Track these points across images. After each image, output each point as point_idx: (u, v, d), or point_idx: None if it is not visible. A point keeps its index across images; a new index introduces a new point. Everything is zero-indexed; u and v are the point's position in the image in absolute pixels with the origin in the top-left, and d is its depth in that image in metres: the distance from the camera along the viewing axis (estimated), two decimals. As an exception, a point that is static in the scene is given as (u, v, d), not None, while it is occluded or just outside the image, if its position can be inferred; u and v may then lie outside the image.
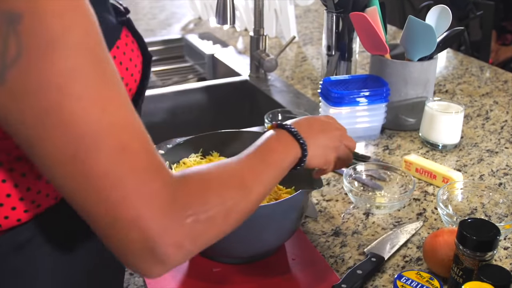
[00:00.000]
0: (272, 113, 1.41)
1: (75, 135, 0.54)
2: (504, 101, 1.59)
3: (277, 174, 0.75)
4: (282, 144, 0.78)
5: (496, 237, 0.79)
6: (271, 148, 0.76)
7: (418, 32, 1.30)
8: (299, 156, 0.79)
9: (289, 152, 0.78)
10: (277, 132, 0.79)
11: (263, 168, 0.73)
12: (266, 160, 0.74)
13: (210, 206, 0.62)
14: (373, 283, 0.90)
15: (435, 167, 1.17)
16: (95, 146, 0.54)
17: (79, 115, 0.53)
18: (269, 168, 0.74)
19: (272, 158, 0.75)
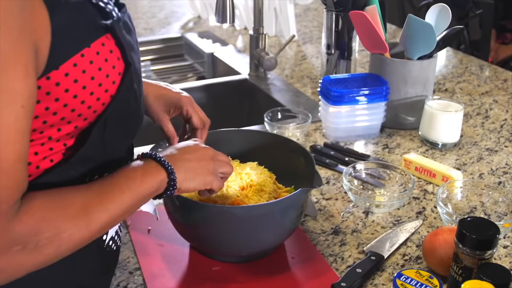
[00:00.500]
0: (271, 111, 1.41)
1: None
2: (504, 99, 1.59)
3: (133, 201, 0.74)
4: (143, 170, 0.76)
5: (496, 235, 0.79)
6: (129, 175, 0.75)
7: (418, 31, 1.30)
8: (165, 180, 0.77)
9: (151, 178, 0.76)
10: (142, 161, 0.78)
11: (113, 196, 0.72)
12: (120, 187, 0.73)
13: (42, 237, 0.64)
14: (373, 281, 0.90)
15: (435, 166, 1.17)
16: None
17: None
18: (122, 195, 0.73)
19: (127, 185, 0.73)
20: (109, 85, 0.74)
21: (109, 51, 0.73)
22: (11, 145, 0.61)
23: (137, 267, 0.93)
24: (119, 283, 0.90)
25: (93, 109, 0.73)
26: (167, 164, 0.78)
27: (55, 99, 0.69)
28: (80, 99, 0.71)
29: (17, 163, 0.62)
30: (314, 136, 1.38)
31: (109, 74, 0.73)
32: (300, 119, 1.42)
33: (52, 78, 0.67)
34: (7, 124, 0.60)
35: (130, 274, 0.92)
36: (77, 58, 0.69)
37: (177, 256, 0.96)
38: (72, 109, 0.71)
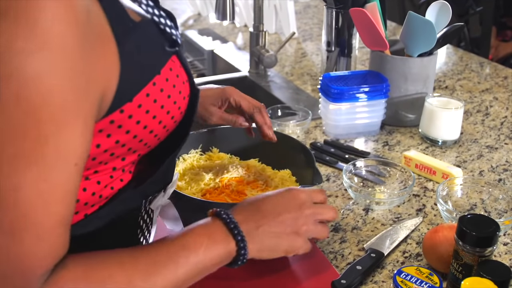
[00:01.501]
0: (271, 109, 1.41)
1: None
2: (504, 97, 1.59)
3: (190, 276, 0.66)
4: (209, 239, 0.67)
5: (496, 232, 0.79)
6: (189, 244, 0.66)
7: (418, 28, 1.30)
8: (233, 253, 0.69)
9: (215, 249, 0.67)
10: (209, 224, 0.69)
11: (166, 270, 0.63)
12: (176, 259, 0.64)
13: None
14: (373, 278, 0.90)
15: (435, 163, 1.17)
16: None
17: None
18: (176, 269, 0.64)
19: (185, 257, 0.65)
20: (175, 111, 0.70)
21: (176, 75, 0.69)
22: (55, 208, 0.55)
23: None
24: (120, 280, 0.90)
25: (159, 136, 0.70)
26: (237, 232, 0.69)
27: (126, 131, 0.65)
28: (149, 129, 0.67)
29: (58, 227, 0.56)
30: (314, 133, 1.38)
31: (176, 100, 0.69)
32: (300, 116, 1.42)
33: (125, 111, 0.63)
34: (56, 184, 0.54)
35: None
36: (150, 87, 0.65)
37: (177, 253, 0.96)
38: (140, 140, 0.67)
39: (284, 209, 0.74)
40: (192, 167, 1.02)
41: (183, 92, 0.71)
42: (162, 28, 0.68)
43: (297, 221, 0.74)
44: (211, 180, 1.00)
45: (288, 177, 1.03)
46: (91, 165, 0.66)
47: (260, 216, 0.72)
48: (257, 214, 0.72)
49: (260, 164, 1.07)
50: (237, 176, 1.01)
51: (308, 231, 0.75)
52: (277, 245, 0.72)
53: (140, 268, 0.62)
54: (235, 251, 0.69)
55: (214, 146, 1.08)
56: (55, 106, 0.52)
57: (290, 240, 0.73)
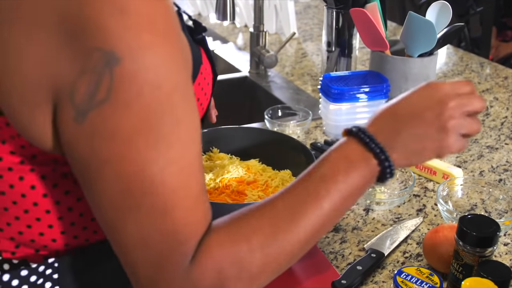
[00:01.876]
0: (272, 109, 1.41)
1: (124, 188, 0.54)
2: (504, 97, 1.59)
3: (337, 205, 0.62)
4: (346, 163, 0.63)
5: (496, 233, 0.79)
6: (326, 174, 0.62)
7: (418, 28, 1.30)
8: (377, 169, 0.63)
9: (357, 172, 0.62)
10: (342, 145, 0.65)
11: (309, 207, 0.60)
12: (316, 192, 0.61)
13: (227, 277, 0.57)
14: (373, 279, 0.90)
15: (435, 163, 1.17)
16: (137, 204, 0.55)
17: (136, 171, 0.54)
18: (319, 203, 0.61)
19: (325, 188, 0.61)
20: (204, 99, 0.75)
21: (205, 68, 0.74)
22: (195, 179, 0.58)
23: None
24: (120, 281, 0.90)
25: None
26: (375, 146, 0.63)
27: None
28: None
29: (202, 195, 0.58)
30: (314, 134, 1.38)
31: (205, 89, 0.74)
32: (301, 116, 1.42)
33: None
34: (192, 157, 0.57)
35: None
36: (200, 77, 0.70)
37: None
38: None
39: (424, 106, 0.65)
40: (193, 167, 1.02)
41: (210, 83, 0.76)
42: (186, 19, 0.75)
43: (441, 116, 0.64)
44: (211, 180, 1.00)
45: (289, 178, 1.03)
46: None
47: (397, 120, 0.64)
48: (393, 119, 0.65)
49: (260, 164, 1.07)
50: (238, 177, 1.01)
51: (457, 125, 0.65)
52: (424, 148, 0.64)
53: (282, 214, 0.60)
54: (377, 166, 0.63)
55: (214, 146, 1.08)
56: (181, 88, 0.56)
57: (438, 139, 0.64)
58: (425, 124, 0.64)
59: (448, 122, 0.64)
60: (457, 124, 0.65)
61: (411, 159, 0.65)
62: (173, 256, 0.56)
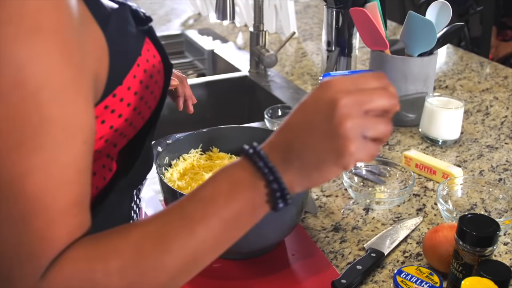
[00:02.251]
0: (272, 108, 1.41)
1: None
2: (504, 96, 1.59)
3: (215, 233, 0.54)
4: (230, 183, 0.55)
5: (496, 232, 0.79)
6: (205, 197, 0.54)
7: (418, 28, 1.30)
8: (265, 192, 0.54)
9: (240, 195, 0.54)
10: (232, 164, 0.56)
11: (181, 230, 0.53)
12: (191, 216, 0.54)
13: None
14: (373, 278, 0.90)
15: (435, 163, 1.17)
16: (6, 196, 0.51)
17: None
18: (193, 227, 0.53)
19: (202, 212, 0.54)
20: (157, 90, 0.71)
21: (153, 56, 0.71)
22: (67, 188, 0.53)
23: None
24: (120, 280, 0.90)
25: (144, 116, 0.71)
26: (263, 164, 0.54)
27: (119, 115, 0.65)
28: (138, 111, 0.67)
29: (72, 207, 0.53)
30: (314, 133, 1.38)
31: (157, 79, 0.71)
32: (301, 116, 1.41)
33: (118, 94, 0.63)
34: (67, 164, 0.53)
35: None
36: (135, 69, 0.66)
37: (177, 253, 0.96)
38: (130, 123, 0.67)
39: (313, 111, 0.54)
40: (192, 166, 1.02)
41: (161, 71, 0.73)
42: (134, 9, 0.70)
43: (332, 119, 0.52)
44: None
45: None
46: None
47: (290, 132, 0.55)
48: (286, 132, 0.55)
49: (260, 163, 1.07)
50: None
51: (355, 127, 0.52)
52: (321, 161, 0.54)
53: (150, 237, 0.53)
54: (265, 188, 0.54)
55: (214, 145, 1.08)
56: (54, 86, 0.51)
57: (334, 147, 0.53)
58: (316, 131, 0.53)
59: (342, 125, 0.52)
60: (356, 126, 0.52)
61: (311, 178, 0.55)
62: (22, 270, 0.52)
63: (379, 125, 0.54)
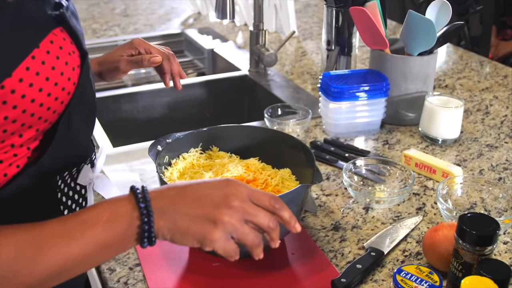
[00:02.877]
0: (271, 107, 1.41)
1: None
2: (504, 96, 1.59)
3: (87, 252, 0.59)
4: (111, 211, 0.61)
5: (496, 231, 0.79)
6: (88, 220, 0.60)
7: (418, 27, 1.30)
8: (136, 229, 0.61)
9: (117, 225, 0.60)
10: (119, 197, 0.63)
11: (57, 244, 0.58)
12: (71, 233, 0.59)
13: None
14: (373, 277, 0.90)
15: (435, 162, 1.17)
16: None
17: None
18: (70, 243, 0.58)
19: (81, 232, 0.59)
20: (65, 82, 0.71)
21: (59, 47, 0.70)
22: None
23: (137, 263, 0.93)
24: (119, 279, 0.90)
25: (53, 109, 0.71)
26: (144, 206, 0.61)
27: (13, 106, 0.66)
28: (38, 102, 0.68)
29: None
30: (314, 132, 1.38)
31: (63, 71, 0.70)
32: (300, 115, 1.42)
33: (6, 86, 0.64)
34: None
35: (130, 270, 0.92)
36: (29, 61, 0.65)
37: (177, 252, 0.96)
38: (31, 114, 0.68)
39: (208, 193, 0.63)
40: (192, 166, 1.02)
41: (71, 63, 0.71)
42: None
43: (218, 209, 0.62)
44: (211, 178, 1.00)
45: (288, 176, 1.03)
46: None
47: (180, 195, 0.63)
48: (178, 193, 0.63)
49: (260, 163, 1.07)
50: (237, 175, 1.01)
51: (228, 225, 0.62)
52: (188, 229, 0.61)
53: (32, 240, 0.58)
54: (137, 227, 0.61)
55: (214, 144, 1.08)
56: None
57: (204, 228, 0.61)
58: (199, 208, 0.61)
59: (221, 217, 0.61)
60: (229, 224, 0.61)
61: (174, 235, 0.62)
62: None
63: (249, 235, 0.63)
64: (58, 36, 0.71)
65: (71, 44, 0.73)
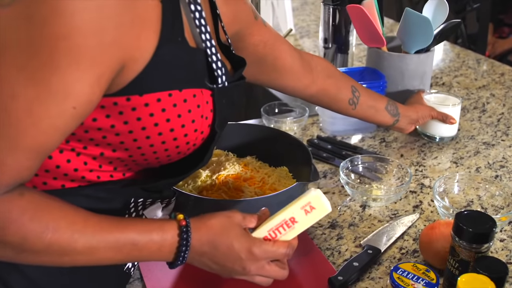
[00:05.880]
0: (268, 105, 1.41)
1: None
2: (501, 93, 1.59)
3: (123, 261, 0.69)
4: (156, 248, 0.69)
5: (492, 229, 0.79)
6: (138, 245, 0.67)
7: (415, 25, 1.30)
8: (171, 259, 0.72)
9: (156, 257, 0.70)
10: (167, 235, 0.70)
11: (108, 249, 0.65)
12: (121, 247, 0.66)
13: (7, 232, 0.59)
14: (370, 275, 0.90)
15: None
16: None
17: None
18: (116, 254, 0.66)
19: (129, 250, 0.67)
20: (180, 135, 0.70)
21: (197, 105, 0.70)
22: (36, 132, 0.57)
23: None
24: (116, 277, 0.90)
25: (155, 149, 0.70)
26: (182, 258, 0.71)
27: (124, 121, 0.66)
28: (147, 134, 0.68)
29: (30, 151, 0.58)
30: (311, 130, 1.38)
31: (185, 124, 0.70)
32: (297, 113, 1.42)
33: (132, 100, 0.64)
34: (48, 113, 0.57)
35: (127, 268, 0.92)
36: (164, 95, 0.66)
37: (174, 250, 0.96)
38: (134, 139, 0.68)
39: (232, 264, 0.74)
40: (189, 164, 1.02)
41: (197, 124, 0.71)
42: (210, 61, 0.72)
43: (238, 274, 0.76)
44: (208, 177, 1.00)
45: (285, 174, 1.03)
46: (82, 138, 0.67)
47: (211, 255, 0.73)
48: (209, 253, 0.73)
49: (257, 161, 1.07)
50: (234, 173, 1.01)
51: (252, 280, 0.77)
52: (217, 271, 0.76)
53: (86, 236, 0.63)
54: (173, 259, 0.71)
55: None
56: (75, 44, 0.55)
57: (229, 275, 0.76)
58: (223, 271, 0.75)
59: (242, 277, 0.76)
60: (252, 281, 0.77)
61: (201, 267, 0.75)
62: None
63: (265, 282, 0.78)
64: (204, 96, 0.71)
65: (210, 112, 0.73)
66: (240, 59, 0.83)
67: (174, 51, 0.66)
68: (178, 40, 0.66)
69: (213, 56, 0.72)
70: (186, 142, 0.72)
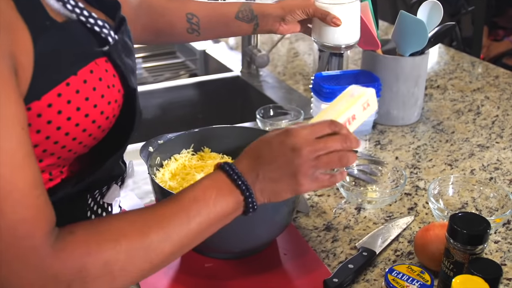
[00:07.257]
0: (263, 108, 1.41)
1: None
2: (495, 96, 1.60)
3: (204, 228, 0.66)
4: (217, 191, 0.67)
5: (487, 231, 0.79)
6: (199, 196, 0.66)
7: (410, 27, 1.30)
8: (242, 203, 0.69)
9: (224, 200, 0.67)
10: (215, 177, 0.69)
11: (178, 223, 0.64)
12: (187, 211, 0.65)
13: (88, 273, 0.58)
14: (365, 277, 0.90)
15: None
16: None
17: None
18: (189, 222, 0.64)
19: (197, 209, 0.65)
20: (97, 116, 0.68)
21: (98, 78, 0.68)
22: (20, 172, 0.55)
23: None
24: (111, 280, 0.89)
25: (78, 140, 0.68)
26: (241, 183, 0.68)
27: (37, 131, 0.64)
28: (64, 131, 0.66)
29: (33, 189, 0.56)
30: (306, 133, 1.38)
31: (97, 104, 0.68)
32: (292, 115, 1.42)
33: (33, 109, 0.62)
34: (10, 149, 0.54)
35: (122, 271, 0.91)
36: (62, 87, 0.64)
37: (169, 253, 0.96)
38: (55, 141, 0.66)
39: (278, 152, 0.70)
40: (184, 167, 1.02)
41: (107, 97, 0.69)
42: (89, 26, 0.68)
43: (292, 164, 0.69)
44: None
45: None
46: None
47: (257, 163, 0.70)
48: (255, 162, 0.70)
49: (252, 163, 1.07)
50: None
51: (308, 170, 0.70)
52: (278, 189, 0.70)
53: (152, 224, 0.63)
54: (243, 201, 0.69)
55: (205, 146, 1.08)
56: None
57: (291, 183, 0.70)
58: (279, 169, 0.69)
59: (299, 169, 0.69)
60: (309, 169, 0.70)
61: (270, 198, 0.71)
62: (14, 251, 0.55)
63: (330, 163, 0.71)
64: (100, 66, 0.69)
65: (113, 77, 0.71)
66: (113, 3, 0.78)
67: (51, 38, 0.62)
68: (47, 24, 0.62)
69: (90, 19, 0.68)
70: (106, 118, 0.70)
